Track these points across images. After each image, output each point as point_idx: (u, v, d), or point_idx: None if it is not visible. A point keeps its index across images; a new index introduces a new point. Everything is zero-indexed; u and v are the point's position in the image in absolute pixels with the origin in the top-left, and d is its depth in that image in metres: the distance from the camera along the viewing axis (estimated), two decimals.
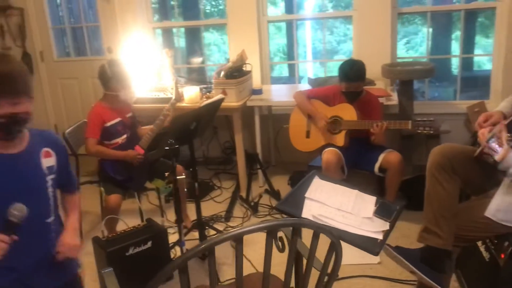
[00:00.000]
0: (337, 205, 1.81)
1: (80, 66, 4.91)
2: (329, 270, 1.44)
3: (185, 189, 3.10)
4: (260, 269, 1.78)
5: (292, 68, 6.81)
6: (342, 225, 1.72)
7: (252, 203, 3.60)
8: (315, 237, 1.35)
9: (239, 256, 1.27)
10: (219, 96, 2.87)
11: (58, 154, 1.69)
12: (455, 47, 7.56)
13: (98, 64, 3.07)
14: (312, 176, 2.00)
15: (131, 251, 2.46)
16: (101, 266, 2.59)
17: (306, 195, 1.82)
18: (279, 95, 4.14)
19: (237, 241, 1.24)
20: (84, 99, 4.98)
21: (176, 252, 2.91)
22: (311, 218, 1.70)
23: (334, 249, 1.39)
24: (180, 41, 6.31)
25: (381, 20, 4.00)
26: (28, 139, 1.62)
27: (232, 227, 3.35)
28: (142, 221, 2.93)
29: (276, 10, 8.13)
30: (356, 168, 3.26)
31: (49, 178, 1.65)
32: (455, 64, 7.44)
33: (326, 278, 1.46)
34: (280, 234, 1.51)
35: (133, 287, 1.83)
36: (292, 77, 6.21)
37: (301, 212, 1.73)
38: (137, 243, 2.47)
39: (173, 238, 3.00)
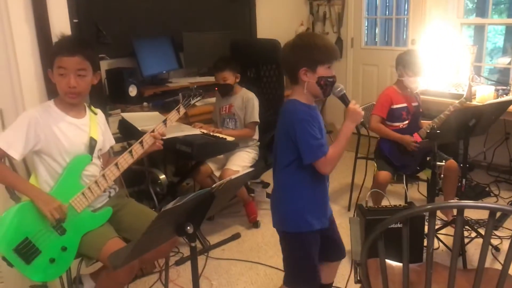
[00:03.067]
0: None
1: (382, 54, 5.28)
2: None
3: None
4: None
5: None
6: None
7: None
8: None
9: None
10: (510, 97, 2.74)
11: None
12: None
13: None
14: None
15: None
16: (361, 230, 2.92)
17: None
18: None
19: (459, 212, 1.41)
20: (380, 85, 5.33)
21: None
22: None
23: None
24: (499, 39, 5.93)
25: None
26: None
27: (498, 236, 3.17)
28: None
29: None
30: None
31: None
32: None
33: None
34: None
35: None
36: None
37: None
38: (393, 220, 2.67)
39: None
